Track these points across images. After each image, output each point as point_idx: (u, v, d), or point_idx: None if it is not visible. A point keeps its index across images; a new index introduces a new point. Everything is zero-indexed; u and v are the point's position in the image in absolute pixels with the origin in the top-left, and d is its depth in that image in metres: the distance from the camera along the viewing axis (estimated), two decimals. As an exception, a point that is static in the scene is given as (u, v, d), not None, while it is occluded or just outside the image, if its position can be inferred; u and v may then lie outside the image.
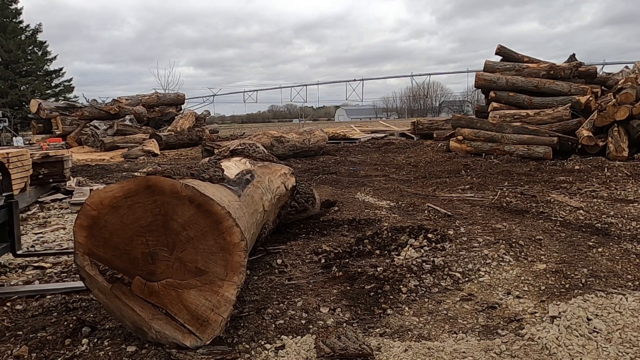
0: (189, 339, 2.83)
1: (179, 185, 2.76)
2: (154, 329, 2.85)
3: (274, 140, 13.56)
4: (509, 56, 13.37)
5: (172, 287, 2.82)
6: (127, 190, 2.76)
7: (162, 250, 2.80)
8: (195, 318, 2.83)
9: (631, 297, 3.22)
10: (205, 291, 2.81)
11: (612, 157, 9.65)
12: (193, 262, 2.80)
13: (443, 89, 67.71)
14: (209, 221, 2.77)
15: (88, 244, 2.81)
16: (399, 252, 4.44)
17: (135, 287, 2.83)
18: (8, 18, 42.88)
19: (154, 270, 2.82)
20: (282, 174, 5.06)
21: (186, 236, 2.78)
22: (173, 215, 2.77)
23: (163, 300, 2.83)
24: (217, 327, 2.83)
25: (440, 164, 10.81)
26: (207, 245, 2.79)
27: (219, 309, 2.82)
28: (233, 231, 2.78)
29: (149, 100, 22.71)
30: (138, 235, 2.79)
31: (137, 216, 2.77)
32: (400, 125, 25.52)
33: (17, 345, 2.98)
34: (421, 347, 2.76)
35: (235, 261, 2.80)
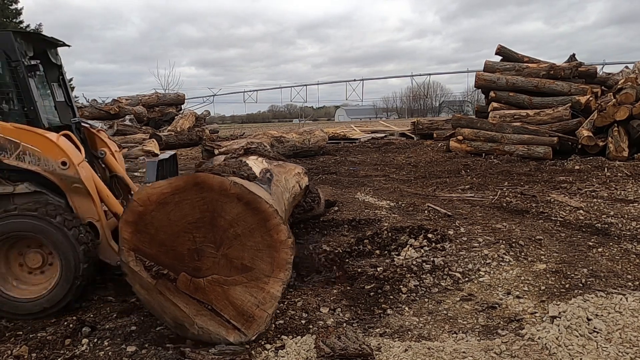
0: (233, 334, 2.86)
1: (228, 182, 2.80)
2: (197, 324, 2.88)
3: (274, 140, 13.56)
4: (509, 56, 13.36)
5: (218, 283, 2.86)
6: (175, 187, 2.79)
7: (209, 246, 2.84)
8: (240, 314, 2.87)
9: (631, 297, 3.22)
10: (251, 287, 2.86)
11: (612, 157, 9.64)
12: (239, 259, 2.84)
13: (443, 89, 67.74)
14: (257, 219, 2.81)
15: (134, 239, 2.84)
16: (399, 252, 4.44)
17: (180, 283, 2.87)
18: (8, 18, 42.84)
19: (200, 266, 2.86)
20: (296, 173, 5.09)
21: (233, 233, 2.82)
22: (221, 212, 2.80)
23: (209, 297, 2.87)
24: (262, 323, 2.88)
25: (440, 164, 10.81)
26: (254, 242, 2.83)
27: (264, 305, 2.86)
28: (280, 229, 2.83)
29: (149, 100, 22.70)
30: (185, 231, 2.83)
31: (185, 213, 2.80)
32: (400, 125, 25.52)
33: (17, 345, 2.99)
34: (421, 347, 2.76)
35: (281, 258, 2.85)
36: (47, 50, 4.18)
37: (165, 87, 38.01)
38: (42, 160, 3.53)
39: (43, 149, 3.53)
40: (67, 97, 4.40)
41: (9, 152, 3.52)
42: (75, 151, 3.65)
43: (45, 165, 3.53)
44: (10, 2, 44.40)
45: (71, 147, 3.65)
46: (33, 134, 3.56)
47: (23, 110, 3.73)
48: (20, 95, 3.70)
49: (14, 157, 3.52)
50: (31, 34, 3.90)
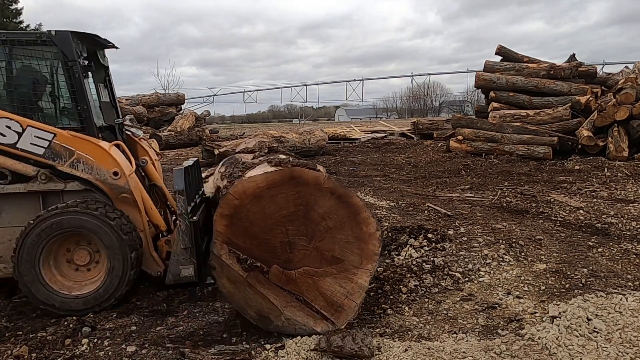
0: (321, 324, 2.94)
1: (322, 177, 2.89)
2: (285, 316, 2.94)
3: (274, 140, 13.55)
4: (509, 56, 13.36)
5: (308, 275, 2.94)
6: (271, 181, 2.86)
7: (301, 239, 2.92)
8: (330, 304, 2.95)
9: (631, 297, 3.22)
10: (340, 278, 2.95)
11: (612, 157, 9.64)
12: (330, 251, 2.93)
13: (443, 89, 67.72)
14: (348, 212, 2.91)
15: (227, 232, 2.90)
16: (399, 252, 4.44)
17: (273, 275, 2.93)
18: (8, 18, 42.83)
19: (291, 258, 2.93)
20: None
21: (325, 226, 2.91)
22: (314, 205, 2.89)
23: (300, 288, 2.95)
24: (350, 313, 2.96)
25: (440, 164, 10.81)
26: (344, 234, 2.93)
27: (353, 295, 2.95)
28: (370, 222, 2.94)
29: (149, 100, 22.69)
30: (278, 224, 2.90)
31: (279, 206, 2.88)
32: (400, 125, 25.52)
33: (17, 345, 2.99)
34: (421, 347, 2.76)
35: (370, 250, 2.95)
36: (97, 51, 4.20)
37: (165, 87, 38.00)
38: (95, 169, 3.58)
39: (97, 158, 3.58)
40: (112, 98, 4.43)
41: (63, 159, 3.56)
42: (126, 162, 3.70)
43: (98, 174, 3.58)
44: (10, 2, 44.34)
45: (122, 157, 3.70)
46: (87, 142, 3.60)
47: (77, 110, 3.74)
48: (75, 95, 3.71)
49: (68, 165, 3.56)
50: (86, 35, 3.91)
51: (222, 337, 3.03)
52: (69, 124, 3.78)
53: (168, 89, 37.35)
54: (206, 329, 3.14)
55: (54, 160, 3.55)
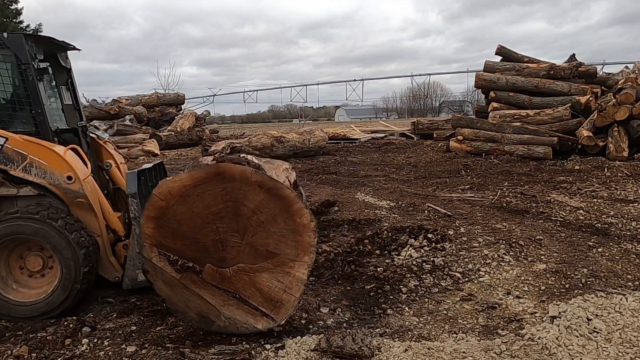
0: (262, 321, 2.90)
1: (249, 171, 2.81)
2: (224, 315, 2.90)
3: (274, 140, 13.56)
4: (509, 56, 13.36)
5: (244, 271, 2.89)
6: (196, 179, 2.79)
7: (233, 236, 2.86)
8: (268, 300, 2.90)
9: (631, 297, 3.22)
10: (277, 273, 2.89)
11: (612, 157, 9.64)
12: (264, 246, 2.87)
13: (443, 89, 67.72)
14: (280, 204, 2.84)
15: (156, 234, 2.85)
16: (399, 252, 4.44)
17: (206, 275, 2.89)
18: (8, 18, 42.83)
19: (225, 256, 2.88)
20: (284, 168, 5.10)
21: (257, 220, 2.85)
22: (244, 200, 2.82)
23: (235, 286, 2.89)
24: (290, 307, 2.91)
25: (440, 164, 10.81)
26: (277, 228, 2.86)
27: (292, 289, 2.89)
28: (303, 213, 2.86)
29: (149, 100, 22.68)
30: (208, 223, 2.84)
31: (207, 204, 2.81)
32: (400, 125, 25.53)
33: (17, 345, 2.98)
34: (421, 347, 2.76)
35: (305, 241, 2.88)
36: (57, 53, 4.18)
37: (165, 87, 37.98)
38: (49, 173, 3.54)
39: (50, 162, 3.54)
40: (75, 101, 4.40)
41: (16, 163, 3.52)
42: (81, 166, 3.66)
43: (51, 179, 3.54)
44: (10, 2, 44.33)
45: (78, 162, 3.66)
46: (41, 146, 3.56)
47: (31, 114, 3.72)
48: (29, 99, 3.69)
49: (21, 169, 3.52)
50: (42, 37, 3.89)
51: (222, 337, 3.02)
52: (22, 128, 3.72)
53: (168, 89, 37.35)
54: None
55: (6, 164, 3.51)
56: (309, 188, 8.49)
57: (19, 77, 3.69)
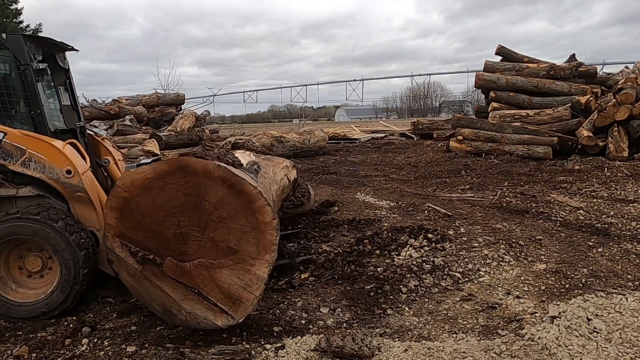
0: (221, 318, 2.87)
1: (212, 165, 2.81)
2: (185, 309, 2.89)
3: (274, 140, 13.56)
4: (509, 56, 13.36)
5: (204, 266, 2.87)
6: (159, 172, 2.80)
7: (194, 230, 2.85)
8: (227, 297, 2.87)
9: (631, 297, 3.22)
10: (238, 270, 2.87)
11: (612, 157, 9.64)
12: (225, 242, 2.85)
13: (443, 89, 67.70)
14: (241, 201, 2.82)
15: (119, 225, 2.85)
16: (399, 252, 4.44)
17: (167, 268, 2.88)
18: (8, 18, 42.82)
19: (186, 250, 2.87)
20: (284, 166, 5.10)
21: (218, 216, 2.83)
22: (205, 195, 2.81)
23: (195, 280, 2.88)
24: (249, 305, 2.88)
25: (440, 164, 10.81)
26: (239, 224, 2.84)
27: (251, 287, 2.87)
28: (265, 210, 2.84)
29: (149, 100, 22.67)
30: (170, 216, 2.84)
31: (169, 197, 2.82)
32: (400, 125, 25.52)
33: (17, 345, 2.99)
34: (421, 347, 2.76)
35: (267, 240, 2.86)
36: (56, 54, 4.19)
37: (166, 87, 37.98)
38: (48, 167, 3.54)
39: (49, 156, 3.54)
40: (73, 101, 4.40)
41: (14, 158, 3.52)
42: (80, 160, 3.67)
43: (50, 173, 3.55)
44: (10, 2, 44.34)
45: (76, 156, 3.67)
46: (39, 141, 3.57)
47: (30, 114, 3.73)
48: (28, 99, 3.70)
49: (20, 164, 3.53)
50: (41, 38, 3.90)
51: (222, 337, 3.02)
52: (22, 129, 3.72)
53: (168, 89, 37.34)
54: (206, 329, 3.14)
55: (4, 159, 3.52)
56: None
57: (18, 78, 3.70)
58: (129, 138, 18.97)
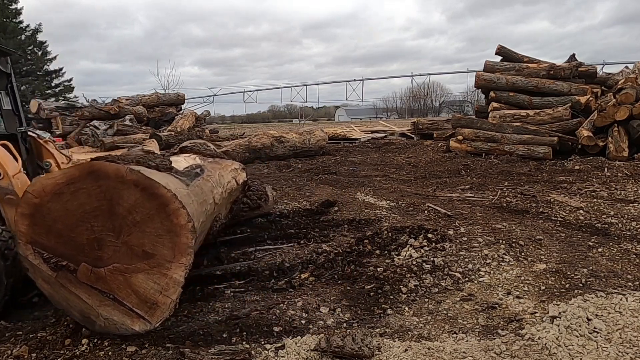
0: (138, 323, 2.83)
1: (124, 169, 2.77)
2: (102, 315, 2.83)
3: (274, 140, 13.56)
4: (509, 56, 13.36)
5: (119, 271, 2.82)
6: (70, 177, 2.75)
7: (108, 235, 2.80)
8: (143, 302, 2.83)
9: (631, 297, 3.22)
10: (154, 274, 2.82)
11: (612, 157, 9.64)
12: (140, 246, 2.80)
13: (443, 89, 67.77)
14: (155, 204, 2.78)
15: (30, 232, 2.80)
16: (399, 252, 4.44)
17: (81, 274, 2.82)
18: (8, 18, 42.84)
19: (101, 256, 2.81)
20: (233, 169, 5.08)
21: (132, 220, 2.78)
22: (118, 199, 2.77)
23: (110, 286, 2.82)
24: (166, 310, 2.84)
25: (440, 164, 10.81)
26: (153, 228, 2.79)
27: (168, 291, 2.82)
28: (179, 213, 2.79)
29: (149, 100, 22.69)
30: (83, 221, 2.78)
31: (82, 202, 2.76)
32: (400, 125, 25.53)
33: (17, 345, 2.98)
34: (421, 347, 2.76)
35: (182, 243, 2.80)
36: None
37: (166, 87, 38.03)
38: None
39: None
40: (15, 106, 4.29)
41: None
42: (12, 162, 3.58)
43: None
44: (10, 2, 44.29)
45: (7, 158, 3.58)
46: None
47: None
48: None
49: None
50: None
51: (222, 337, 3.02)
52: None
53: (168, 89, 37.38)
54: (206, 329, 3.14)
55: None
56: (309, 188, 8.49)
57: None
58: (129, 138, 19.00)
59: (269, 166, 12.09)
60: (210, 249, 4.72)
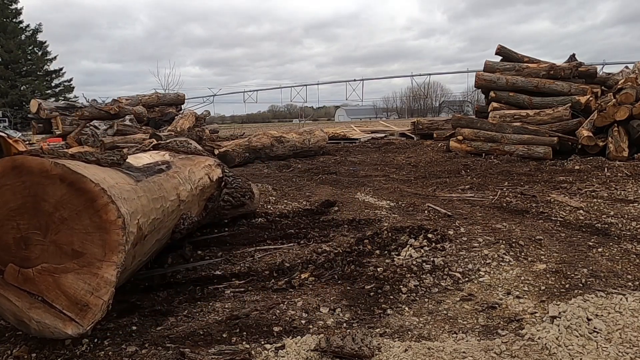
0: (70, 326, 2.70)
1: (48, 163, 2.66)
2: (34, 319, 2.73)
3: (274, 140, 13.56)
4: (509, 56, 13.37)
5: (47, 272, 2.71)
6: None
7: (35, 233, 2.69)
8: (74, 303, 2.71)
9: (631, 297, 3.22)
10: (84, 274, 2.70)
11: (612, 157, 9.64)
12: (69, 244, 2.69)
13: (443, 89, 67.78)
14: (83, 199, 2.67)
15: None
16: (399, 252, 4.44)
17: (8, 275, 2.71)
18: (8, 18, 42.88)
19: (28, 255, 2.71)
20: (206, 165, 4.99)
21: (59, 217, 2.68)
22: (44, 195, 2.67)
23: (39, 287, 2.71)
24: (97, 311, 2.72)
25: (440, 164, 10.81)
26: (82, 225, 2.68)
27: (99, 291, 2.71)
28: (109, 208, 2.68)
29: (149, 100, 22.69)
30: (8, 219, 2.68)
31: (6, 199, 2.67)
32: (400, 125, 25.53)
33: (17, 345, 2.98)
34: (421, 347, 2.75)
35: (113, 240, 2.70)
36: None
37: (166, 87, 38.03)
38: None
39: None
40: None
41: None
42: None
43: None
44: (10, 2, 44.25)
45: None
46: None
47: None
48: None
49: None
50: None
51: (222, 337, 3.02)
52: None
53: (168, 89, 37.39)
54: (206, 329, 3.14)
55: None
56: (309, 188, 8.49)
57: None
58: (128, 138, 18.99)
59: (269, 166, 12.09)
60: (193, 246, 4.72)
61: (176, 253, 4.60)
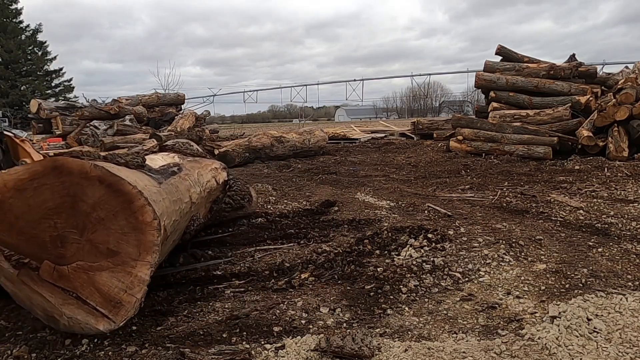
0: (102, 322, 2.77)
1: (88, 165, 2.72)
2: (66, 315, 2.78)
3: (274, 140, 13.56)
4: (509, 56, 13.37)
5: (82, 269, 2.77)
6: (33, 172, 2.70)
7: (72, 232, 2.75)
8: (107, 300, 2.77)
9: (631, 297, 3.22)
10: (118, 272, 2.77)
11: (612, 157, 9.64)
12: (105, 244, 2.75)
13: (443, 89, 67.80)
14: (120, 201, 2.73)
15: None
16: (399, 252, 4.44)
17: (43, 272, 2.77)
18: (8, 18, 42.89)
19: (64, 253, 2.76)
20: (212, 168, 5.05)
21: (97, 217, 2.73)
22: (82, 196, 2.72)
23: (74, 284, 2.77)
24: (130, 309, 2.78)
25: (440, 164, 10.81)
26: (118, 225, 2.75)
27: (132, 289, 2.77)
28: (145, 210, 2.74)
29: (149, 100, 22.69)
30: (46, 218, 2.73)
31: (45, 198, 2.71)
32: (400, 125, 25.53)
33: (17, 345, 2.98)
34: (421, 347, 2.75)
35: (148, 240, 2.76)
36: None
37: (166, 87, 38.04)
38: None
39: None
40: None
41: None
42: None
43: None
44: (10, 2, 44.26)
45: None
46: None
47: None
48: None
49: None
50: None
51: (222, 337, 3.02)
52: None
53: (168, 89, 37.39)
54: (206, 329, 3.14)
55: None
56: (309, 188, 8.49)
57: None
58: (128, 138, 18.98)
59: (269, 166, 12.09)
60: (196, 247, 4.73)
61: (187, 253, 4.61)
